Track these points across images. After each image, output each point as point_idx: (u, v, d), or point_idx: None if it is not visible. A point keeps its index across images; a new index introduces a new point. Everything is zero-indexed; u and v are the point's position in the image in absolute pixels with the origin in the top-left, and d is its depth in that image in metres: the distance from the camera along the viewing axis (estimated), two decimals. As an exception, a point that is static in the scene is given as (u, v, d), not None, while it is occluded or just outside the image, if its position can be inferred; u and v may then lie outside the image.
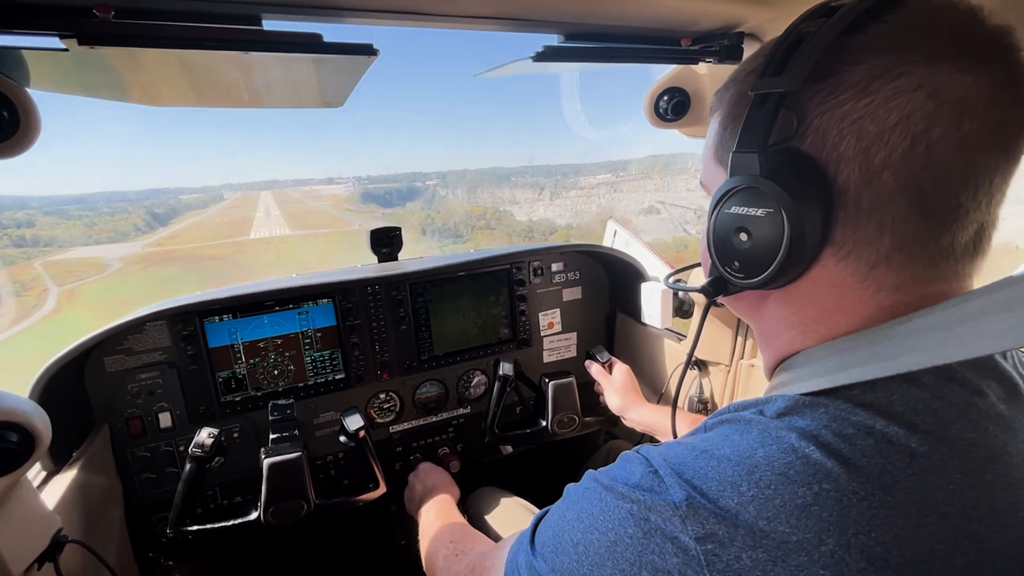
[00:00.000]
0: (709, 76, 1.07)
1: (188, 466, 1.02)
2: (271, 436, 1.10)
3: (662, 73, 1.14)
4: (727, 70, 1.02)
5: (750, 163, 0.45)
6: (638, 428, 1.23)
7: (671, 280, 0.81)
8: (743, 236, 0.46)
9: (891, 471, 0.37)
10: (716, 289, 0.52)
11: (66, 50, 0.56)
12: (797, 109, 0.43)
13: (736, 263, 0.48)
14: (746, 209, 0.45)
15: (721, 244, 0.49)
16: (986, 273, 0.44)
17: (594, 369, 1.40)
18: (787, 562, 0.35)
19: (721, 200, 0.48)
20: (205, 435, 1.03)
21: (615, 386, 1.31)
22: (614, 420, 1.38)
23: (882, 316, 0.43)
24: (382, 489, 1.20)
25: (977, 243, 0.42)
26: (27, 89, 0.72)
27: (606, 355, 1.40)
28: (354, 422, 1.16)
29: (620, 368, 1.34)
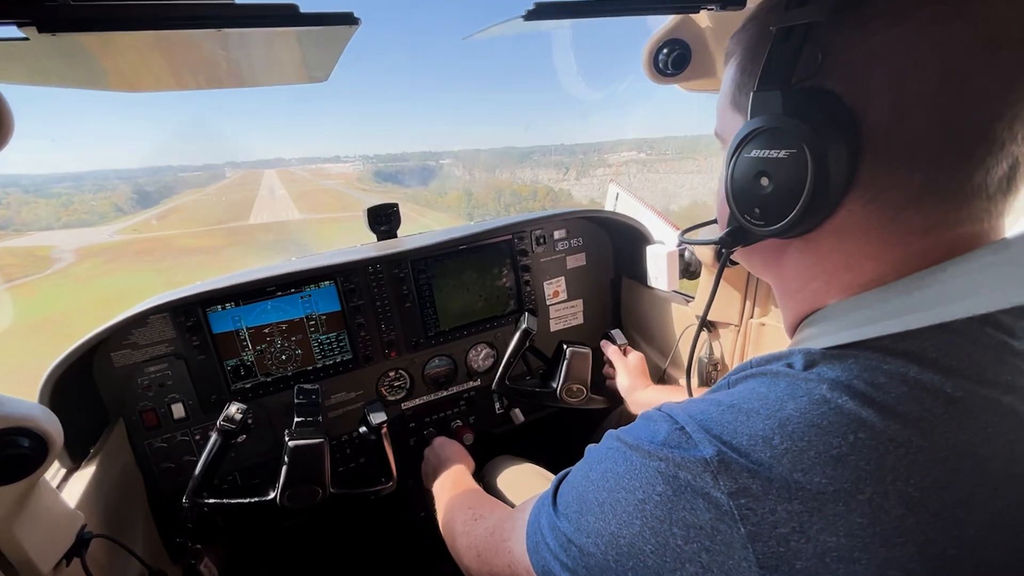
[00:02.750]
0: (711, 26, 1.01)
1: (213, 438, 1.04)
2: (296, 419, 1.11)
3: (659, 25, 1.08)
4: (730, 18, 0.97)
5: (772, 102, 0.42)
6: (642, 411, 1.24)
7: (684, 236, 0.77)
8: (764, 180, 0.44)
9: (927, 417, 0.36)
10: (735, 239, 0.51)
11: (27, 39, 0.53)
12: (822, 42, 0.40)
13: (757, 210, 0.46)
14: (768, 151, 0.43)
15: (740, 191, 0.47)
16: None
17: (611, 350, 1.40)
18: (823, 512, 0.35)
19: (741, 144, 0.45)
20: (235, 410, 1.04)
21: (628, 368, 1.32)
22: (617, 402, 1.40)
23: (911, 260, 0.41)
24: (393, 485, 1.22)
25: (1011, 179, 0.40)
26: (-6, 83, 0.69)
27: (623, 339, 1.42)
28: (378, 417, 1.18)
29: (635, 354, 1.37)
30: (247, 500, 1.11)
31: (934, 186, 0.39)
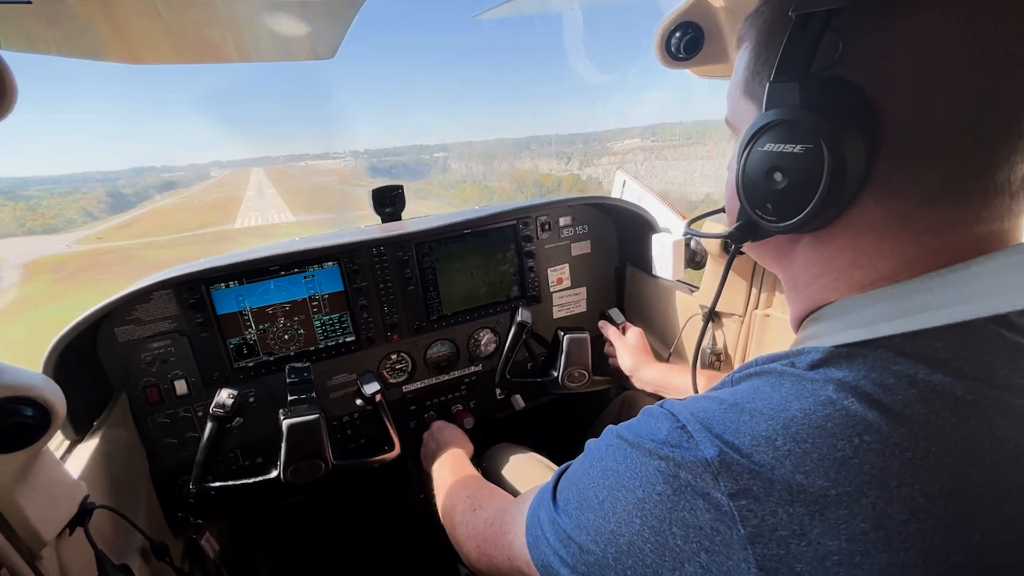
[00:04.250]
0: (725, 8, 0.99)
1: (209, 425, 1.05)
2: (289, 398, 1.12)
3: (672, 8, 1.06)
4: (745, 2, 0.94)
5: (788, 93, 0.41)
6: (648, 388, 1.26)
7: (690, 227, 0.76)
8: (777, 175, 0.43)
9: (935, 420, 0.35)
10: (744, 234, 0.50)
11: (29, 2, 0.52)
12: (843, 31, 0.39)
13: (769, 205, 0.45)
14: (782, 146, 0.42)
15: (752, 185, 0.46)
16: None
17: (610, 331, 1.41)
18: (826, 516, 0.34)
19: (754, 137, 0.44)
20: (225, 395, 1.06)
21: (628, 347, 1.32)
22: (621, 380, 1.40)
23: (927, 259, 0.40)
24: (397, 450, 1.23)
25: None
26: (-2, 50, 0.68)
27: (621, 317, 1.43)
28: (371, 387, 1.19)
29: (634, 331, 1.37)
30: (252, 480, 1.12)
31: (954, 184, 0.38)
